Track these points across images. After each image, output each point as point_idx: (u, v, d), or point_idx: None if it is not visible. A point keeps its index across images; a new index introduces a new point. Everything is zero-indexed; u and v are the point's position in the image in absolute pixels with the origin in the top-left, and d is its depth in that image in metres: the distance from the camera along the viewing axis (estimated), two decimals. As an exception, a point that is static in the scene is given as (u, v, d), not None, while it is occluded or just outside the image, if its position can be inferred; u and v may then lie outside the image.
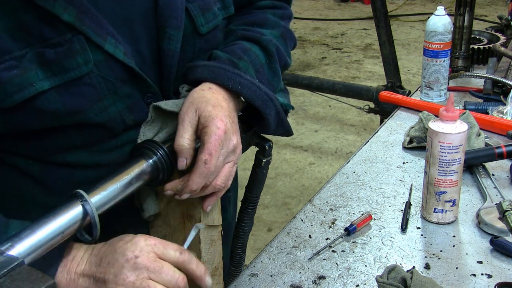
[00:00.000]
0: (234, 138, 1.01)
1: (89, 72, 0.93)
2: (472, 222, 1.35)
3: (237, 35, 1.18)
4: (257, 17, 1.23)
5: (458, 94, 2.06)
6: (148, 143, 1.00)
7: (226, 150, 1.00)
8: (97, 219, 0.89)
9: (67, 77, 0.92)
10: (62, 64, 0.91)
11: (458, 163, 1.29)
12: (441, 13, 1.90)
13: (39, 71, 0.89)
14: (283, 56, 1.22)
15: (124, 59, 0.97)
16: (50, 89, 0.91)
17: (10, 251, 0.78)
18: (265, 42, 1.17)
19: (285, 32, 1.25)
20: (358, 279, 1.18)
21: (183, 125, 0.99)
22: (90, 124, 0.98)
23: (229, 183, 1.04)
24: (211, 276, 1.10)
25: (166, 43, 1.04)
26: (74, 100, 0.94)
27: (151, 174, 0.99)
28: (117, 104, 0.99)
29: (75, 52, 0.91)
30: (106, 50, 0.94)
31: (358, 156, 1.67)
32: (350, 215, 1.39)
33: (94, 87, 0.95)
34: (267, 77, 1.16)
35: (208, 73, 1.05)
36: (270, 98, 1.08)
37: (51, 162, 1.01)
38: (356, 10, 8.17)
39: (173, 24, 1.04)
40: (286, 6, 1.31)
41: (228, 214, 1.32)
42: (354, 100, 4.29)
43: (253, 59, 1.14)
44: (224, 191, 1.05)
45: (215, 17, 1.13)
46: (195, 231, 1.03)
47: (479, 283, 1.16)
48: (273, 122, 1.10)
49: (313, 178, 4.11)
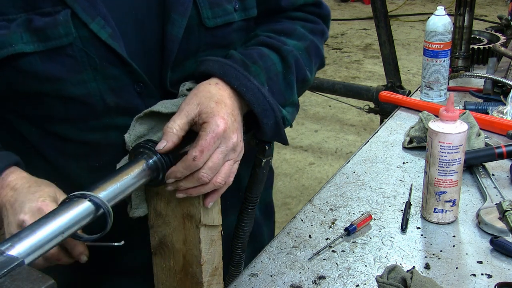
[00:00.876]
0: (234, 136, 1.01)
1: (70, 44, 1.00)
2: (472, 222, 1.35)
3: (259, 41, 1.18)
4: (285, 26, 1.23)
5: (458, 94, 2.06)
6: (148, 143, 1.00)
7: (226, 148, 1.00)
8: (110, 210, 0.90)
9: (49, 45, 0.99)
10: (46, 32, 0.98)
11: (458, 163, 1.29)
12: (441, 13, 1.90)
13: (24, 35, 0.98)
14: (302, 70, 1.20)
15: (107, 40, 1.01)
16: (34, 53, 0.99)
17: (10, 251, 0.78)
18: (285, 52, 1.16)
19: (312, 47, 1.24)
20: (358, 279, 1.18)
21: (180, 113, 1.00)
22: (71, 97, 1.03)
23: (230, 180, 1.04)
24: (211, 276, 1.10)
25: (169, 28, 1.06)
26: (54, 67, 1.00)
27: (151, 174, 0.99)
28: (99, 81, 1.03)
29: (58, 23, 0.98)
30: (90, 28, 1.00)
31: (358, 156, 1.67)
32: (350, 215, 1.39)
33: (75, 59, 1.01)
34: (280, 87, 1.15)
35: (218, 68, 1.06)
36: (272, 108, 1.08)
37: (47, 131, 1.08)
38: (356, 10, 8.17)
39: (178, 9, 1.06)
40: (318, 22, 1.29)
41: (229, 221, 1.30)
42: (354, 100, 4.29)
43: (268, 66, 1.14)
44: (225, 188, 1.05)
45: (226, 14, 1.13)
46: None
47: (479, 283, 1.16)
48: (270, 132, 1.10)
49: (313, 178, 4.11)
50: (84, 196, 0.89)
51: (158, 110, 1.03)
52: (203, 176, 0.99)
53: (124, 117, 1.06)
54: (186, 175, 0.99)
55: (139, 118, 1.04)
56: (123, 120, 1.06)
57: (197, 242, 1.06)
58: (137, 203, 1.07)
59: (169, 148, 0.98)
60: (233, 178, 1.05)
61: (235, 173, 1.05)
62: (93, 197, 0.89)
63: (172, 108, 1.03)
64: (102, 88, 1.04)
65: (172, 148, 0.99)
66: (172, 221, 1.09)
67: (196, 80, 1.10)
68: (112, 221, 0.90)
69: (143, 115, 1.04)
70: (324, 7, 1.31)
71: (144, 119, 1.04)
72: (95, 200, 0.89)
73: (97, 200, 0.89)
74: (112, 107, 1.06)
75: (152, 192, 1.08)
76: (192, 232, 1.07)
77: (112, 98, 1.05)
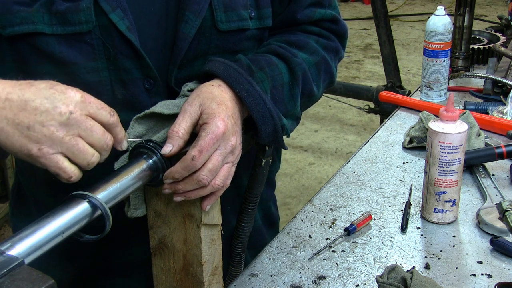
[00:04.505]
0: (233, 139, 1.01)
1: (89, 31, 1.01)
2: (472, 222, 1.35)
3: (270, 49, 1.18)
4: (298, 39, 1.22)
5: (458, 94, 2.06)
6: (148, 143, 1.00)
7: (225, 150, 1.00)
8: (108, 212, 0.89)
9: (69, 29, 1.00)
10: (67, 17, 0.99)
11: (458, 163, 1.29)
12: (441, 13, 1.90)
13: (46, 16, 0.99)
14: (309, 84, 1.20)
15: (125, 32, 1.02)
16: (52, 35, 1.00)
17: (10, 251, 0.78)
18: (293, 63, 1.16)
19: (322, 63, 1.23)
20: (358, 279, 1.18)
21: (184, 116, 1.00)
22: (82, 83, 1.00)
23: (227, 182, 1.04)
24: (211, 276, 1.10)
25: (182, 26, 1.07)
26: (71, 52, 1.01)
27: (151, 175, 0.99)
28: (111, 71, 1.05)
29: (80, 9, 1.00)
30: (110, 18, 1.01)
31: (358, 156, 1.67)
32: (350, 215, 1.39)
33: (92, 47, 1.02)
34: (284, 97, 1.15)
35: (222, 70, 1.06)
36: (271, 115, 1.07)
37: None
38: (356, 10, 8.17)
39: (193, 8, 1.07)
40: (333, 39, 1.28)
41: (229, 221, 1.30)
42: (354, 100, 4.29)
43: (275, 75, 1.13)
44: (223, 191, 1.05)
45: (241, 19, 1.13)
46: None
47: (479, 283, 1.16)
48: (267, 138, 1.10)
49: (313, 178, 4.11)
50: (83, 196, 0.89)
51: (160, 112, 1.03)
52: (203, 179, 0.98)
53: (128, 112, 1.06)
54: (184, 176, 0.99)
55: (138, 118, 1.04)
56: (127, 115, 1.06)
57: (197, 242, 1.06)
58: (136, 203, 1.07)
59: (174, 152, 0.98)
60: (232, 180, 1.05)
61: (232, 175, 1.05)
62: (92, 199, 0.89)
63: (173, 109, 1.03)
64: (113, 79, 1.05)
65: (177, 152, 0.99)
66: (172, 221, 1.09)
67: (199, 79, 1.10)
68: (111, 223, 0.90)
69: (143, 116, 1.04)
70: (341, 25, 1.30)
71: (144, 119, 1.04)
72: (93, 202, 0.89)
73: (96, 202, 0.89)
74: (119, 100, 1.07)
75: (151, 193, 1.08)
76: (193, 231, 1.07)
77: (121, 90, 1.07)
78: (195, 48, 1.10)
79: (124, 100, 1.07)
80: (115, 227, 0.93)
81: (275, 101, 1.12)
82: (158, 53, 1.09)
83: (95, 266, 1.26)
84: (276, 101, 1.12)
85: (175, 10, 1.08)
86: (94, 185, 0.92)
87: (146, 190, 1.08)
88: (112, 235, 0.95)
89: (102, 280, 1.26)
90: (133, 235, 1.18)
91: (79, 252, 1.22)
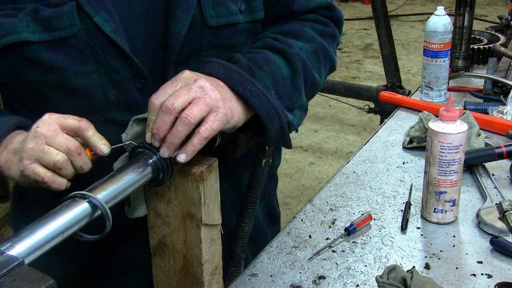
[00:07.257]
0: (201, 81, 0.98)
1: (74, 35, 1.03)
2: (472, 222, 1.35)
3: (265, 44, 1.17)
4: (294, 28, 1.22)
5: (458, 94, 2.06)
6: (148, 143, 1.00)
7: (187, 85, 0.98)
8: (108, 212, 0.90)
9: (54, 35, 1.02)
10: (52, 22, 1.02)
11: (458, 163, 1.29)
12: (441, 13, 1.90)
13: (31, 24, 1.01)
14: (310, 72, 1.19)
15: (110, 34, 1.03)
16: (39, 42, 1.02)
17: (10, 251, 0.78)
18: (291, 55, 1.16)
19: (320, 49, 1.23)
20: (358, 279, 1.18)
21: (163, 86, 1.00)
22: (72, 88, 1.06)
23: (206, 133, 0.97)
24: (211, 276, 1.10)
25: (173, 24, 1.08)
26: (58, 57, 1.03)
27: (151, 174, 0.99)
28: (101, 74, 1.06)
29: (63, 14, 1.02)
30: (94, 21, 1.02)
31: (358, 156, 1.67)
32: (350, 215, 1.39)
33: (79, 50, 1.04)
34: (287, 90, 1.15)
35: (223, 72, 1.05)
36: (277, 112, 1.07)
37: None
38: (356, 10, 8.17)
39: (183, 6, 1.07)
40: (330, 24, 1.28)
41: (229, 222, 1.30)
42: (354, 100, 4.29)
43: (274, 71, 1.13)
44: (201, 142, 0.97)
45: (230, 14, 1.13)
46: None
47: (479, 283, 1.16)
48: (275, 136, 1.09)
49: (313, 178, 4.11)
50: (83, 196, 0.89)
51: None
52: (167, 103, 0.95)
53: (123, 112, 1.07)
54: (155, 120, 0.96)
55: (136, 119, 1.04)
56: (122, 116, 1.07)
57: (198, 242, 1.06)
58: (136, 203, 1.07)
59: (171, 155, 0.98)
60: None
61: (214, 128, 0.97)
62: (92, 199, 0.89)
63: None
64: (104, 80, 1.06)
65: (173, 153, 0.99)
66: (172, 221, 1.09)
67: None
68: (111, 224, 0.90)
69: (141, 118, 1.04)
70: (337, 11, 1.30)
71: (142, 119, 1.04)
72: (93, 202, 0.89)
73: (96, 202, 0.89)
74: (113, 101, 1.08)
75: (151, 193, 1.08)
76: (193, 231, 1.07)
77: (113, 91, 1.07)
78: (187, 46, 1.10)
79: (118, 100, 1.08)
80: (115, 227, 0.93)
81: (279, 96, 1.12)
82: (149, 52, 1.10)
83: (95, 266, 1.26)
84: (280, 96, 1.12)
85: (162, 8, 1.09)
86: (94, 185, 0.92)
87: (146, 190, 1.08)
88: (112, 235, 0.95)
89: (102, 280, 1.27)
90: (133, 235, 1.18)
91: (79, 252, 1.22)
